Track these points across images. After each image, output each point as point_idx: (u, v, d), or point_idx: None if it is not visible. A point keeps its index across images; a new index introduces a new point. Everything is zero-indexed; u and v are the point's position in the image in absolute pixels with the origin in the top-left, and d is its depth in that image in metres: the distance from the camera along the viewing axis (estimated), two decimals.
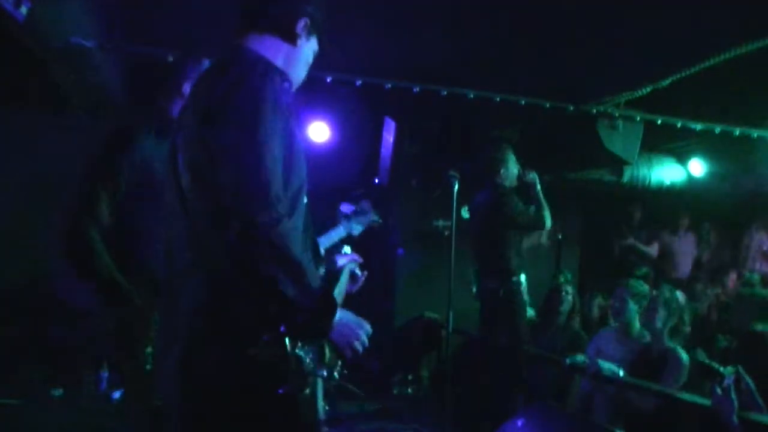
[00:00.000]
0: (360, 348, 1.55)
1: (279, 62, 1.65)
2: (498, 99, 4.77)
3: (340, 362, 1.80)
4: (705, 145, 6.05)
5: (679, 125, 5.24)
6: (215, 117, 1.45)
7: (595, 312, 5.47)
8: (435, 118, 5.27)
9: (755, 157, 5.77)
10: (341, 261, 2.11)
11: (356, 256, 2.21)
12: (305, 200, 1.65)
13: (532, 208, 4.26)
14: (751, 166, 5.96)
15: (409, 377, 5.65)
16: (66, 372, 3.40)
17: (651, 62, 4.26)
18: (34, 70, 4.19)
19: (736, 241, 6.92)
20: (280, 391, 1.44)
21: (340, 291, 1.87)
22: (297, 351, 1.48)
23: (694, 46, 3.95)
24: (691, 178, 6.65)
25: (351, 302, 1.80)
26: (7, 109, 5.17)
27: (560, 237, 6.81)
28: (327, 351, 1.69)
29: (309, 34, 1.71)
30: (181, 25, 3.73)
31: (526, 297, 4.93)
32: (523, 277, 4.26)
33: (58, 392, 4.40)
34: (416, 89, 4.51)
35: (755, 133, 5.41)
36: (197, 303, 1.47)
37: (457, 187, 4.13)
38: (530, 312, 4.94)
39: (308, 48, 1.74)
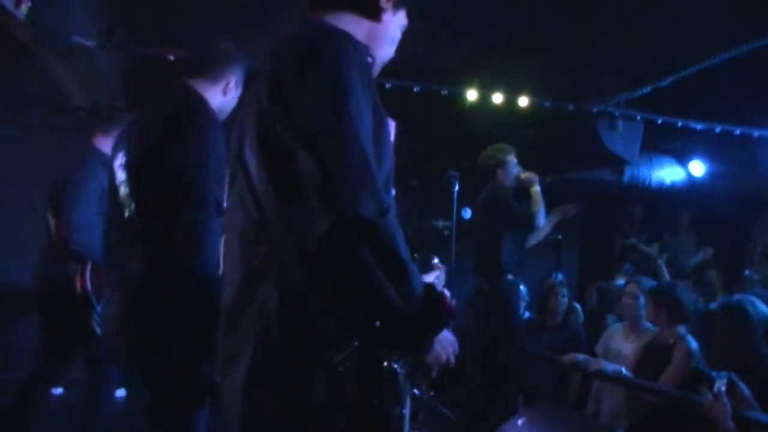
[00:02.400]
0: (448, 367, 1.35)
1: (360, 39, 1.41)
2: (498, 98, 4.78)
3: (425, 381, 1.52)
4: (705, 145, 6.05)
5: (679, 125, 5.24)
6: (292, 91, 1.21)
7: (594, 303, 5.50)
8: (435, 118, 5.27)
9: (755, 156, 5.77)
10: (427, 277, 1.76)
11: (441, 270, 1.90)
12: (393, 192, 1.39)
13: (526, 208, 4.22)
14: (752, 165, 5.96)
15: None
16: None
17: (651, 62, 4.26)
18: (34, 70, 4.20)
19: (736, 242, 6.92)
20: (375, 404, 1.21)
21: None
22: (393, 364, 1.24)
23: (695, 46, 3.95)
24: (691, 178, 6.65)
25: None
26: (7, 108, 5.18)
27: (560, 237, 6.81)
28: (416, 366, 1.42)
29: (395, 7, 1.48)
30: (182, 25, 3.74)
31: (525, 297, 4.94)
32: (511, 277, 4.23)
33: (57, 391, 4.41)
34: (416, 89, 4.52)
35: (756, 133, 5.41)
36: (271, 309, 1.22)
37: (457, 187, 4.13)
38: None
39: (395, 23, 1.50)
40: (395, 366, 1.23)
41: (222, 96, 2.13)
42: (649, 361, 3.43)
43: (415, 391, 1.38)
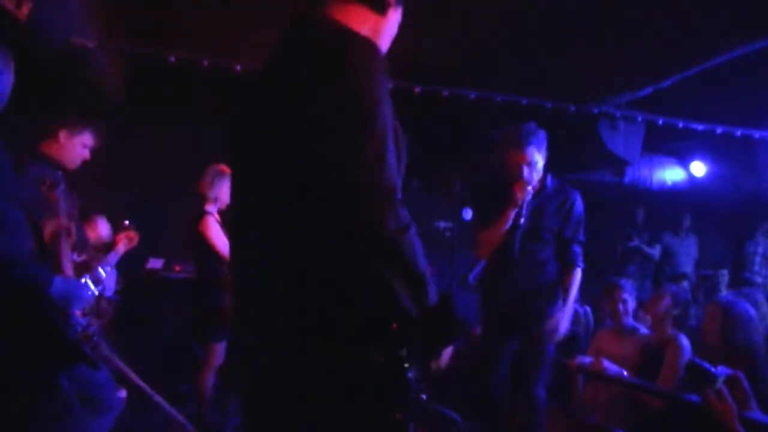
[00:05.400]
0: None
1: (366, 34, 1.38)
2: (499, 99, 4.77)
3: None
4: (706, 146, 6.05)
5: (680, 126, 5.23)
6: (315, 105, 1.18)
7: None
8: (436, 118, 5.27)
9: (756, 157, 5.76)
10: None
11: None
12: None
13: None
14: (753, 166, 5.96)
15: None
16: None
17: (652, 63, 4.25)
18: (35, 71, 4.19)
19: (737, 243, 6.91)
20: (398, 416, 1.22)
21: None
22: (409, 373, 1.26)
23: (696, 47, 3.94)
24: (692, 179, 6.65)
25: None
26: (8, 109, 5.17)
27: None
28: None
29: (398, 2, 1.47)
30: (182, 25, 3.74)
31: None
32: None
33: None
34: (417, 89, 4.51)
35: (757, 134, 5.40)
36: (291, 322, 1.23)
37: (458, 188, 4.12)
38: None
39: (395, 19, 1.48)
40: (411, 375, 1.25)
41: None
42: (647, 365, 3.43)
43: (423, 396, 1.40)
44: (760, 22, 3.52)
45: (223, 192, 3.89)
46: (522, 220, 3.21)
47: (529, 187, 3.19)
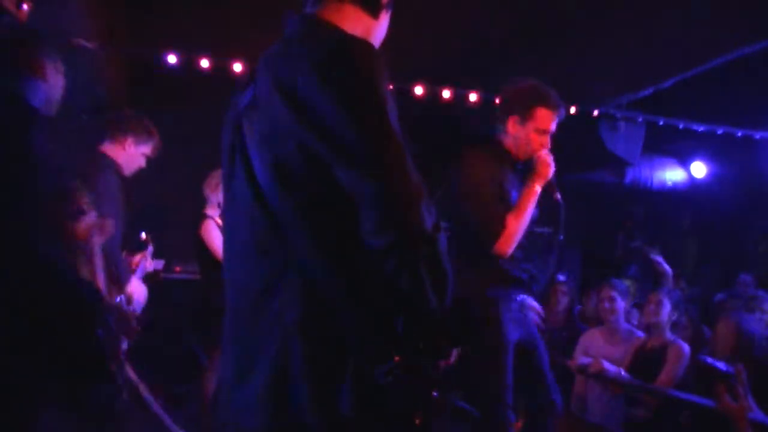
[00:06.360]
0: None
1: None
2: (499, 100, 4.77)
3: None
4: (707, 147, 6.05)
5: (681, 126, 5.23)
6: (330, 107, 1.16)
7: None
8: (435, 118, 5.27)
9: (757, 158, 5.76)
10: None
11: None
12: None
13: None
14: (753, 167, 5.95)
15: None
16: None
17: (653, 63, 4.25)
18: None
19: (737, 243, 6.91)
20: (417, 421, 1.21)
21: None
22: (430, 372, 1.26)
23: (696, 48, 3.94)
24: (692, 180, 6.64)
25: None
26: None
27: (561, 238, 6.79)
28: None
29: (389, 6, 1.47)
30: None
31: None
32: None
33: None
34: (417, 89, 4.52)
35: (757, 135, 5.40)
36: (290, 321, 1.20)
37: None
38: None
39: (386, 21, 1.49)
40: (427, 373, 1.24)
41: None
42: (639, 369, 3.42)
43: (435, 393, 1.39)
44: (760, 23, 3.52)
45: None
46: (558, 195, 2.77)
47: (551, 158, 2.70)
